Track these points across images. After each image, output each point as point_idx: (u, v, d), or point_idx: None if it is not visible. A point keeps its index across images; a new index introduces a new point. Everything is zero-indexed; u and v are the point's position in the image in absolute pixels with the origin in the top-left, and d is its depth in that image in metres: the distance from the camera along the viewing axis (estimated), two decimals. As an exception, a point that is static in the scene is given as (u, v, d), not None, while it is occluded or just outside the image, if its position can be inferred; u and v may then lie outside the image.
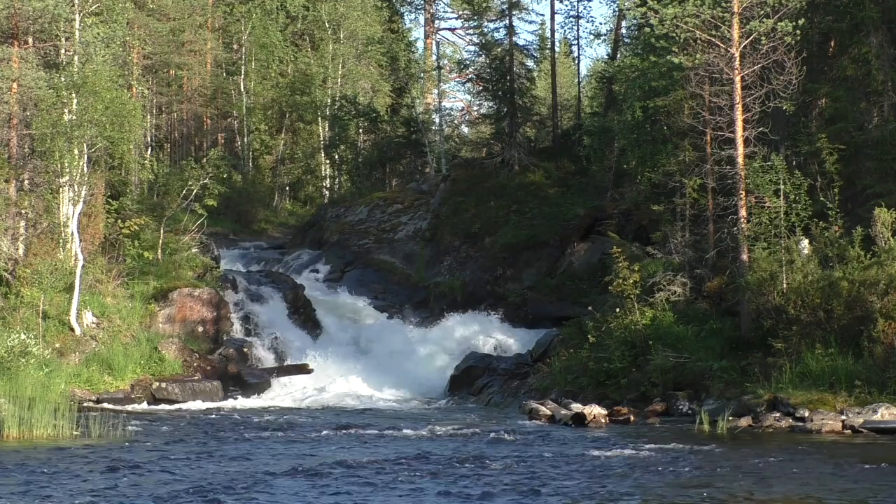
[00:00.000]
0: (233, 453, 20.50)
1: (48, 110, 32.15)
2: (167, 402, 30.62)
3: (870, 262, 25.57)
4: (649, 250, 32.55)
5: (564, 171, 45.83)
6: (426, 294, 40.86)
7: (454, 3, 63.24)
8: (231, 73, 61.77)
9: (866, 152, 30.37)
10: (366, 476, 17.70)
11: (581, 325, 31.21)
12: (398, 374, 35.06)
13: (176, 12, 56.39)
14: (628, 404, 26.75)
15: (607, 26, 54.94)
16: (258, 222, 54.90)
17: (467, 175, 46.37)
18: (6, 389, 25.73)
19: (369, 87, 60.93)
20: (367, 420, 26.60)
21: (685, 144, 31.28)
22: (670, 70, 31.26)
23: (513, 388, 32.18)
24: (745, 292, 27.19)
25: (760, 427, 23.70)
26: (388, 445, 21.76)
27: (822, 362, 24.66)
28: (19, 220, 32.81)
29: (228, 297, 36.22)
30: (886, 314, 24.41)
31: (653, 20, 29.05)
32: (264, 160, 60.85)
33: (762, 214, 27.83)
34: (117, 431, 22.92)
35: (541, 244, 41.35)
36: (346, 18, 60.06)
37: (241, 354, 34.04)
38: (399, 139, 53.67)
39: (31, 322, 30.33)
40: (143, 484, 16.87)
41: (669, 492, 16.27)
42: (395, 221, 45.64)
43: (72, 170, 32.51)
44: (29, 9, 32.91)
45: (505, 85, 47.18)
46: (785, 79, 28.19)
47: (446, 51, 63.19)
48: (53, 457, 19.56)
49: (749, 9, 28.36)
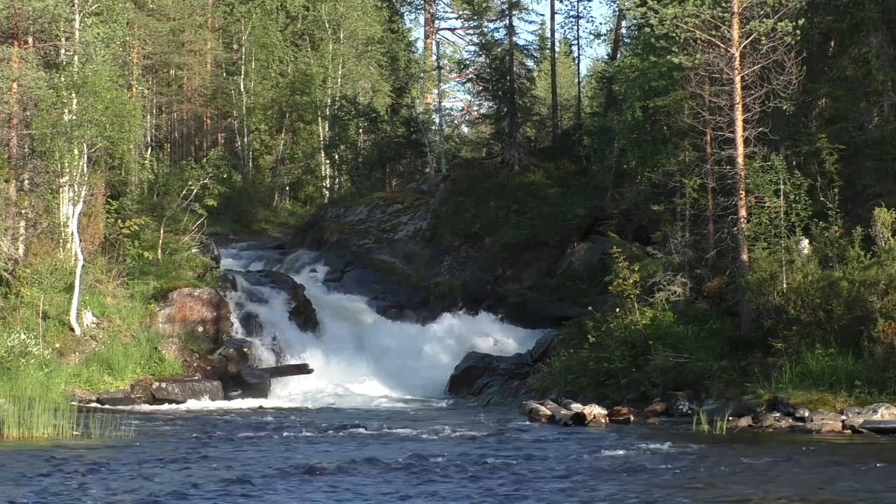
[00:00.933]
0: (233, 453, 20.50)
1: (48, 110, 32.15)
2: (167, 402, 30.63)
3: (870, 262, 25.56)
4: (649, 250, 32.54)
5: (564, 171, 45.83)
6: (426, 294, 40.84)
7: (454, 3, 63.23)
8: (231, 73, 61.76)
9: (866, 152, 30.36)
10: (365, 476, 17.70)
11: (581, 325, 31.20)
12: (398, 374, 35.07)
13: (176, 12, 56.37)
14: (628, 404, 26.74)
15: (607, 26, 54.98)
16: (258, 222, 54.89)
17: (467, 175, 46.37)
18: (6, 389, 25.75)
19: (369, 87, 60.91)
20: (367, 420, 26.58)
21: (685, 144, 31.27)
22: (670, 70, 31.26)
23: (513, 388, 32.19)
24: (745, 292, 27.19)
25: (760, 427, 23.69)
26: (387, 445, 21.75)
27: (822, 362, 24.64)
28: (19, 220, 32.81)
29: (228, 297, 36.22)
30: (886, 314, 24.39)
31: (653, 20, 29.04)
32: (264, 160, 60.85)
33: (762, 214, 27.82)
34: (117, 431, 22.91)
35: (541, 244, 41.36)
36: (346, 18, 60.04)
37: (241, 354, 34.04)
38: (399, 139, 53.68)
39: (31, 322, 30.34)
40: (142, 484, 16.87)
41: (669, 492, 16.26)
42: (395, 221, 45.63)
43: (72, 170, 32.52)
44: (29, 9, 32.90)
45: (505, 85, 47.18)
46: (785, 79, 28.18)
47: (446, 51, 63.25)
48: (53, 457, 19.54)
49: (749, 9, 28.34)
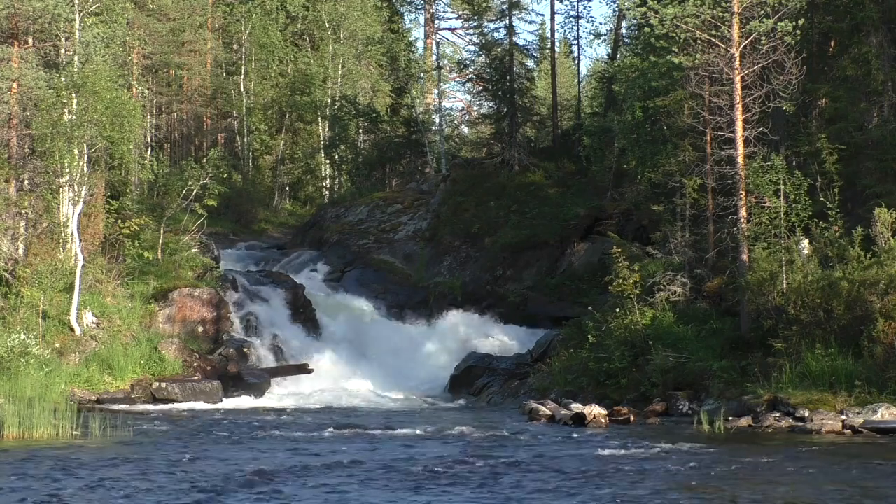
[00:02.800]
0: (232, 453, 20.50)
1: (48, 110, 32.14)
2: (167, 402, 30.61)
3: (870, 262, 25.55)
4: (649, 250, 32.55)
5: (564, 171, 45.83)
6: (426, 294, 40.82)
7: (454, 3, 63.29)
8: (231, 73, 61.75)
9: (866, 152, 30.36)
10: (365, 476, 17.70)
11: (581, 325, 31.20)
12: (398, 374, 35.07)
13: (176, 12, 56.37)
14: (628, 404, 26.74)
15: (607, 26, 55.10)
16: (258, 222, 54.89)
17: (467, 175, 46.37)
18: (6, 389, 25.74)
19: (369, 87, 60.91)
20: (367, 420, 26.59)
21: (685, 144, 31.28)
22: (670, 70, 31.27)
23: (513, 388, 32.19)
24: (745, 292, 27.18)
25: (760, 427, 23.69)
26: (387, 445, 21.76)
27: (822, 362, 24.64)
28: (19, 220, 32.80)
29: (228, 297, 36.21)
30: (886, 314, 24.39)
31: (653, 20, 29.04)
32: (264, 160, 60.84)
33: (762, 214, 27.82)
34: (117, 431, 22.92)
35: (541, 244, 41.37)
36: (346, 18, 60.03)
37: (241, 354, 34.04)
38: (399, 139, 53.70)
39: (31, 322, 30.33)
40: (142, 484, 16.87)
41: (669, 492, 16.27)
42: (395, 221, 45.63)
43: (72, 170, 32.52)
44: (29, 9, 32.89)
45: (505, 85, 47.18)
46: (785, 79, 28.18)
47: (446, 51, 63.29)
48: (53, 457, 19.55)
49: (749, 9, 28.35)
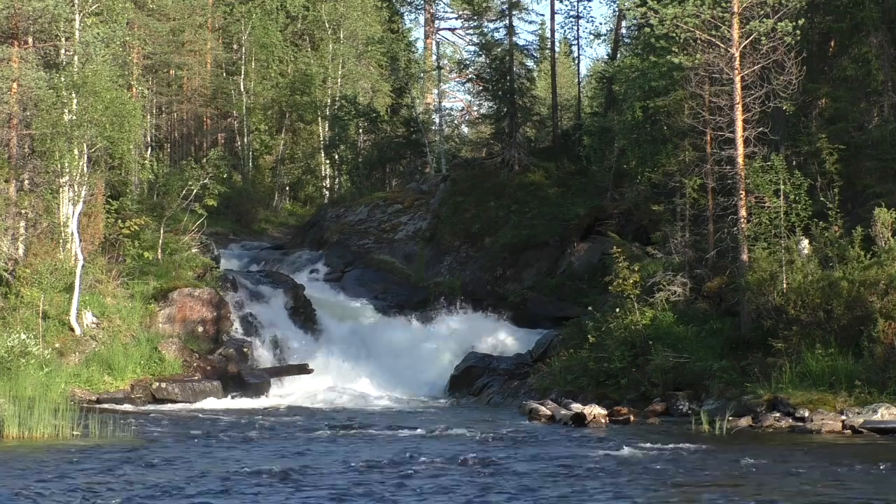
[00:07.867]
0: (232, 453, 20.51)
1: (48, 110, 32.13)
2: (167, 402, 30.61)
3: (870, 262, 25.56)
4: (649, 250, 32.53)
5: (564, 171, 45.81)
6: (426, 294, 40.80)
7: (454, 3, 63.27)
8: (231, 73, 61.74)
9: (866, 152, 30.38)
10: (365, 476, 17.70)
11: (581, 325, 31.21)
12: (398, 374, 35.05)
13: (176, 12, 56.31)
14: (628, 404, 26.74)
15: (607, 26, 54.98)
16: (258, 222, 54.89)
17: (467, 175, 46.38)
18: (6, 389, 25.72)
19: (369, 87, 60.89)
20: (367, 420, 26.59)
21: (685, 144, 31.28)
22: (670, 70, 31.27)
23: (513, 388, 32.18)
24: (745, 292, 27.18)
25: (760, 427, 23.69)
26: (387, 446, 21.75)
27: (822, 362, 24.65)
28: (19, 220, 32.79)
29: (228, 297, 36.20)
30: (886, 314, 24.39)
31: (653, 20, 29.04)
32: (264, 160, 60.85)
33: (762, 214, 27.82)
34: (117, 431, 22.92)
35: (541, 244, 41.37)
36: (346, 18, 60.02)
37: (241, 354, 34.03)
38: (399, 139, 53.69)
39: (31, 322, 30.33)
40: (142, 484, 16.87)
41: (669, 492, 16.27)
42: (395, 221, 45.63)
43: (72, 170, 32.51)
44: (29, 9, 32.88)
45: (505, 85, 47.17)
46: (785, 79, 28.19)
47: (446, 51, 63.30)
48: (53, 457, 19.55)
49: (749, 9, 28.35)
